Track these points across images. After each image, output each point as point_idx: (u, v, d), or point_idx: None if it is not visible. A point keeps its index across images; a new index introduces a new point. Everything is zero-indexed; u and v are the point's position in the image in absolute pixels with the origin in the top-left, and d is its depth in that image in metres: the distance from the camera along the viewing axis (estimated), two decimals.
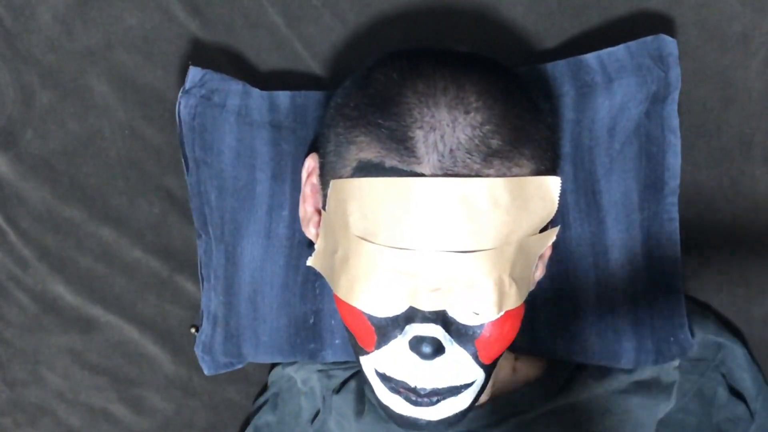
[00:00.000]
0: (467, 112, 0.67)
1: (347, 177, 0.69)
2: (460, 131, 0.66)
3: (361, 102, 0.70)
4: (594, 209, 0.83)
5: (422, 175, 0.66)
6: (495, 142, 0.67)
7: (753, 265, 0.90)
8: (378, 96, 0.69)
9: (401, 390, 0.72)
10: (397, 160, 0.67)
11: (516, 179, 0.67)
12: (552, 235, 0.72)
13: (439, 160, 0.66)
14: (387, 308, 0.70)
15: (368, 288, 0.69)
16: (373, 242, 0.67)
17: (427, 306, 0.68)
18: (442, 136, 0.66)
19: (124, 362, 0.94)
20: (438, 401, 0.72)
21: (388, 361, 0.72)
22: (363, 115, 0.69)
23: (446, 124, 0.66)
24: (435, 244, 0.66)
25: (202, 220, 0.86)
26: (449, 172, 0.66)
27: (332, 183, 0.70)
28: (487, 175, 0.66)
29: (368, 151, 0.68)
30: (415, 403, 0.72)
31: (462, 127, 0.66)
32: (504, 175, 0.67)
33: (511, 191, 0.67)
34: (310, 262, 0.77)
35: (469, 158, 0.66)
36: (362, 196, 0.67)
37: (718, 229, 0.89)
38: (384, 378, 0.73)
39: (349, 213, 0.68)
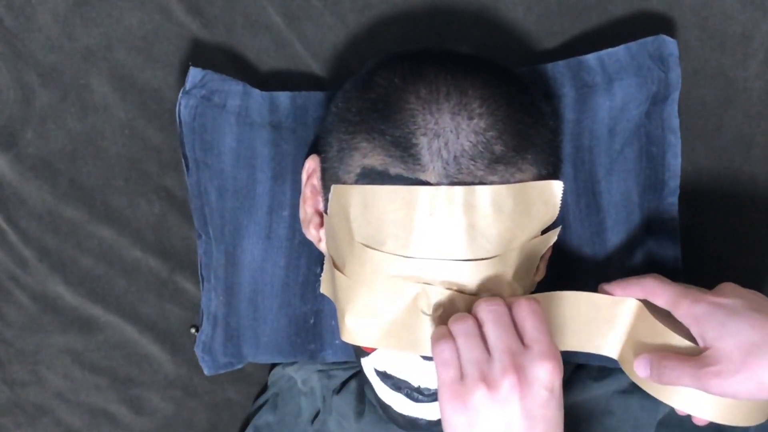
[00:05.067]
0: (471, 118, 0.67)
1: (351, 183, 0.69)
2: (464, 138, 0.66)
3: (362, 107, 0.70)
4: (594, 210, 0.83)
5: (427, 182, 0.66)
6: (498, 148, 0.67)
7: (753, 265, 0.90)
8: (380, 101, 0.69)
9: (402, 388, 0.72)
10: (402, 167, 0.67)
11: (519, 185, 0.67)
12: (553, 236, 0.72)
13: (444, 168, 0.66)
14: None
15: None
16: (378, 250, 0.67)
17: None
18: (446, 143, 0.66)
19: (124, 362, 0.94)
20: None
21: (389, 361, 0.72)
22: (365, 121, 0.69)
23: (450, 130, 0.66)
24: (440, 252, 0.66)
25: (202, 221, 0.86)
26: (454, 180, 0.66)
27: (333, 188, 0.70)
28: (491, 182, 0.66)
29: (372, 157, 0.68)
30: (415, 400, 0.73)
31: (466, 134, 0.66)
32: (507, 181, 0.67)
33: (515, 197, 0.67)
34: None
35: (473, 165, 0.66)
36: (366, 203, 0.67)
37: (718, 229, 0.89)
38: (384, 376, 0.73)
39: (352, 219, 0.68)
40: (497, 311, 0.64)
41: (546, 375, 0.62)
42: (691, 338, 0.68)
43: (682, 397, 0.69)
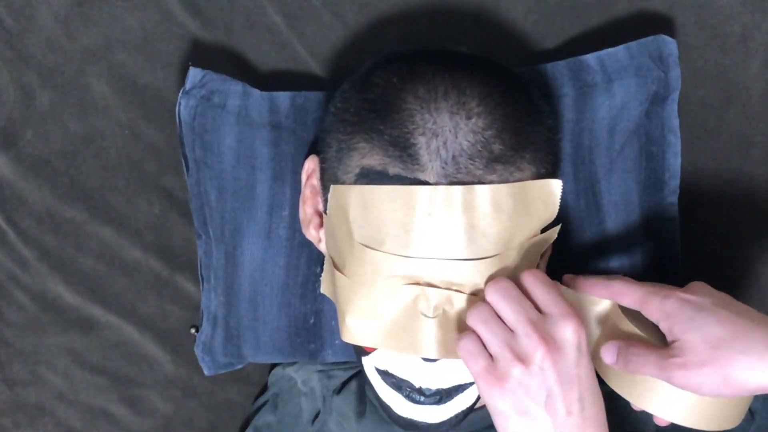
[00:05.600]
0: (469, 118, 0.67)
1: (350, 183, 0.69)
2: (462, 137, 0.66)
3: (360, 107, 0.70)
4: (594, 209, 0.83)
5: (426, 182, 0.66)
6: (497, 147, 0.67)
7: (753, 266, 0.90)
8: (378, 101, 0.69)
9: (403, 388, 0.72)
10: (401, 167, 0.67)
11: (518, 184, 0.67)
12: (553, 234, 0.72)
13: (442, 167, 0.66)
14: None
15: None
16: (378, 250, 0.68)
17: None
18: (444, 143, 0.66)
19: (124, 362, 0.94)
20: (444, 401, 0.72)
21: (390, 360, 0.72)
22: (363, 121, 0.69)
23: (448, 130, 0.66)
24: (439, 252, 0.66)
25: (202, 221, 0.86)
26: (453, 179, 0.66)
27: (333, 188, 0.70)
28: (490, 181, 0.66)
29: (371, 158, 0.68)
30: (416, 401, 0.72)
31: (464, 133, 0.66)
32: (506, 180, 0.67)
33: (514, 196, 0.67)
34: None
35: (471, 164, 0.66)
36: (365, 204, 0.67)
37: (717, 230, 0.89)
38: (385, 374, 0.73)
39: (351, 219, 0.68)
40: (505, 287, 0.66)
41: (572, 334, 0.64)
42: (661, 341, 0.68)
43: (649, 396, 0.69)
